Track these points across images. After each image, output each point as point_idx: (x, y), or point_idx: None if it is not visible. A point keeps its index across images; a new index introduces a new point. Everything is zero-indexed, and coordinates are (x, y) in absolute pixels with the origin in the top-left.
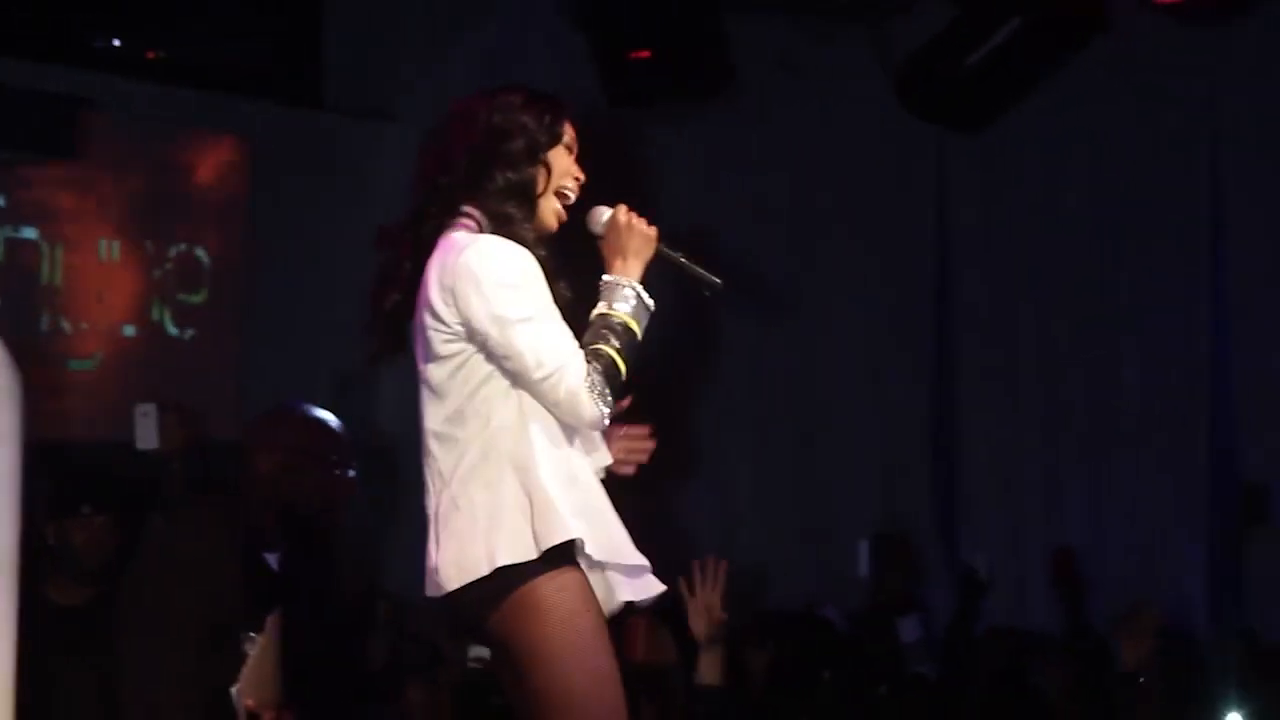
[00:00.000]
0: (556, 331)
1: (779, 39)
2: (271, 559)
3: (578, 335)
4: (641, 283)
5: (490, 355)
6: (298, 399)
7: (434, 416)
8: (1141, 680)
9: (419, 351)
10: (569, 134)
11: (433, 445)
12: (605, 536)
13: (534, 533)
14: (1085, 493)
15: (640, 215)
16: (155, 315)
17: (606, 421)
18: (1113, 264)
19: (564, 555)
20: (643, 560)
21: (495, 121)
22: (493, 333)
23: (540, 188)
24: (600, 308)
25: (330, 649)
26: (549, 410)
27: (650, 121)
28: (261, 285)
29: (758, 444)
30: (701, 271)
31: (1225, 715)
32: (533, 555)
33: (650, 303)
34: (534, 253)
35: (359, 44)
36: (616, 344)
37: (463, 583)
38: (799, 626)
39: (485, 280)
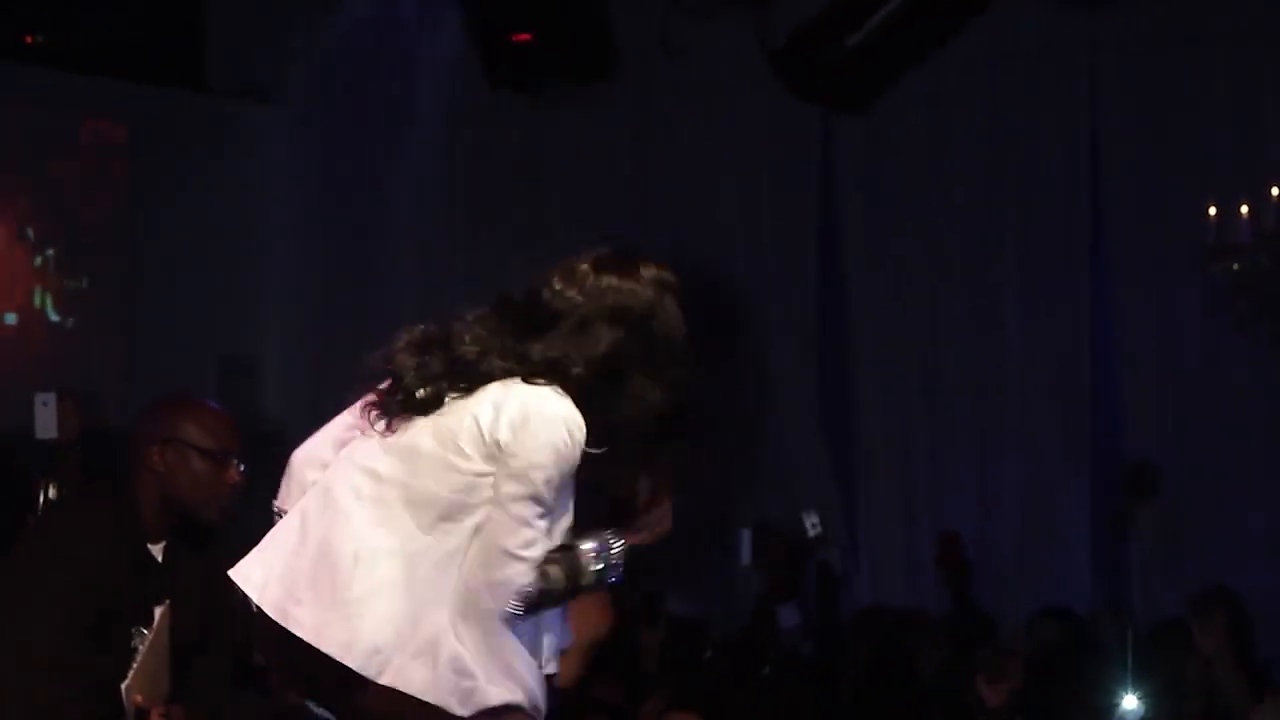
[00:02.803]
0: (552, 532)
1: (661, 20)
2: (155, 550)
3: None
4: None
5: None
6: (188, 388)
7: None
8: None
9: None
10: None
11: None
12: None
13: None
14: (972, 475)
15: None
16: (37, 302)
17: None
18: (997, 246)
19: None
20: None
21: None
22: (512, 487)
23: None
24: (578, 545)
25: (214, 641)
26: (471, 570)
27: (533, 104)
28: (146, 271)
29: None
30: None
31: (1120, 698)
32: None
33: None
34: None
35: (242, 25)
36: (565, 585)
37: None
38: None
39: (545, 449)
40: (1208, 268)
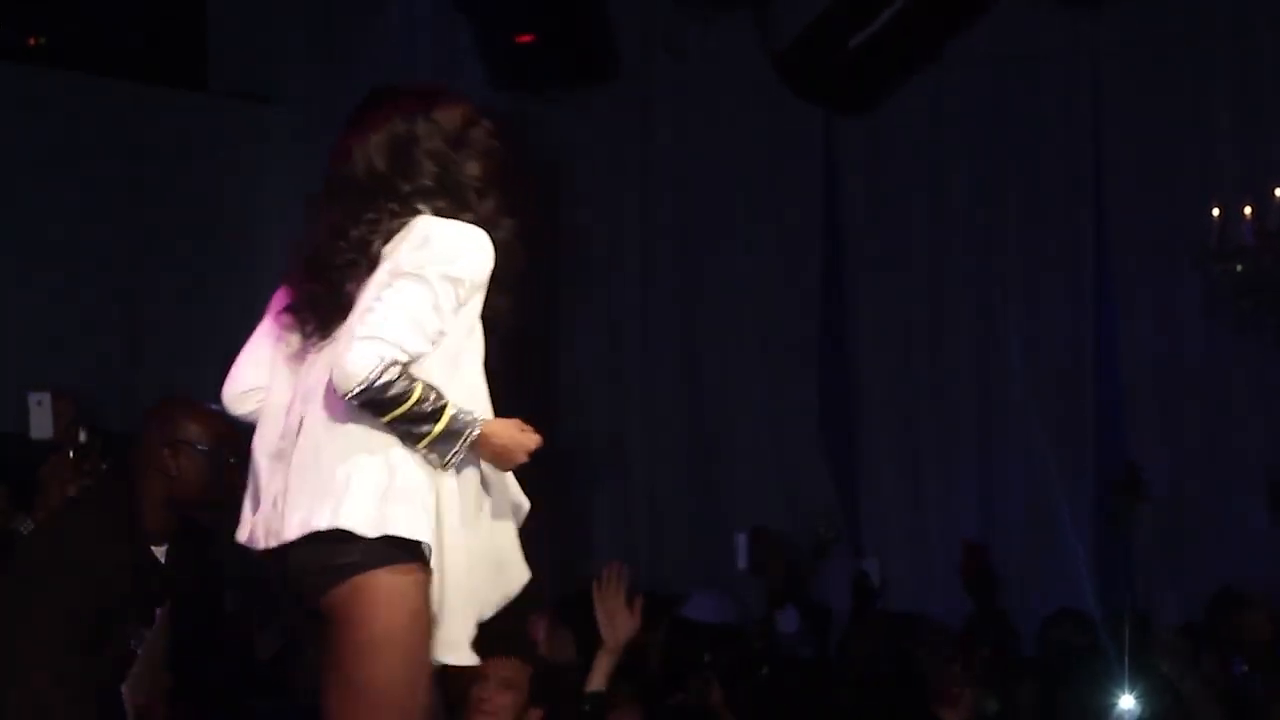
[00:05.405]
0: (429, 327)
1: (663, 22)
2: (159, 552)
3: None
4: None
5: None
6: (190, 391)
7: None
8: None
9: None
10: None
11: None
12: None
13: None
14: (974, 478)
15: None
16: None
17: (349, 396)
18: (999, 249)
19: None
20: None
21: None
22: (391, 278)
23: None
24: (453, 407)
25: (218, 641)
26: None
27: (536, 105)
28: (148, 271)
29: (652, 439)
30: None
31: (1118, 698)
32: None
33: (447, 460)
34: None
35: (242, 26)
36: (419, 407)
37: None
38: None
39: (441, 253)
40: (1211, 268)
